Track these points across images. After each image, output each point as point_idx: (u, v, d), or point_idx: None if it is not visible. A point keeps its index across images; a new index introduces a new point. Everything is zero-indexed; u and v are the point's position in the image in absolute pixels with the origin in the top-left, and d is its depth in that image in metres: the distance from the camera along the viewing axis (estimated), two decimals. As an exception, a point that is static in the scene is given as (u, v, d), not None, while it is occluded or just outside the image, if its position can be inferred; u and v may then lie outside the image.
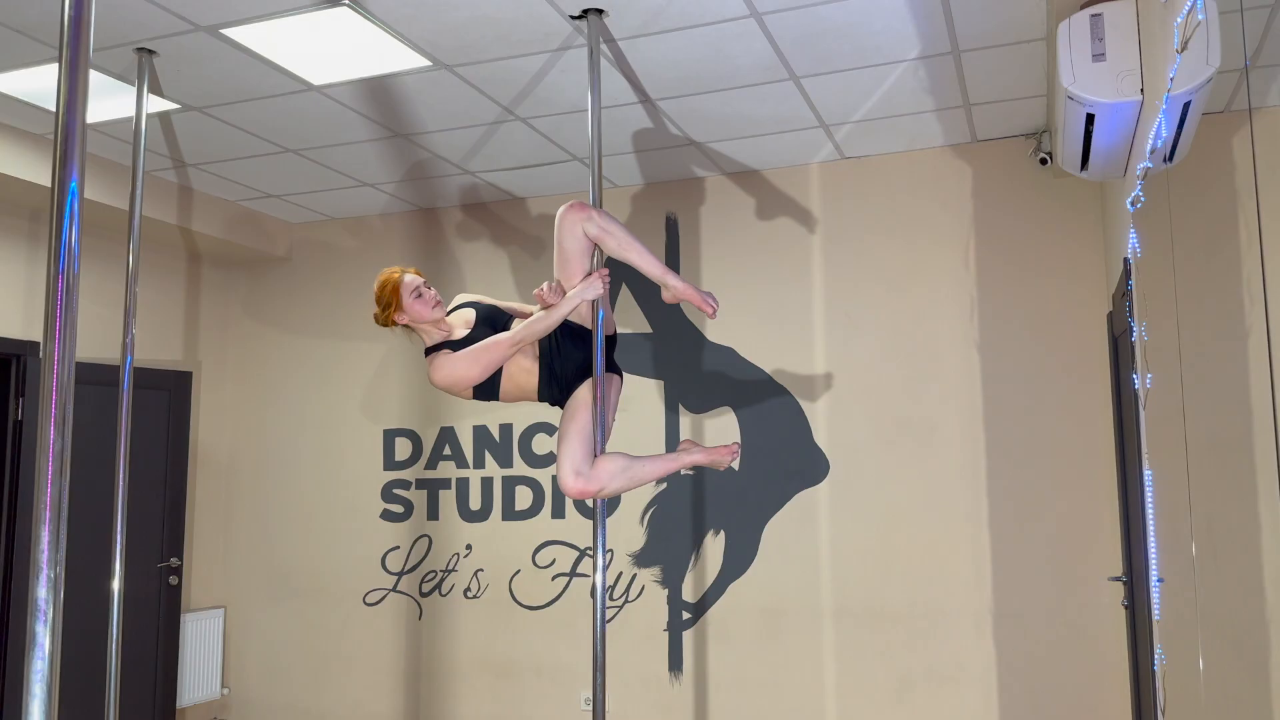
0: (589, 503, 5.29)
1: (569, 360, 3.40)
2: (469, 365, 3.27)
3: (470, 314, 3.44)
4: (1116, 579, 4.40)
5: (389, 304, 3.33)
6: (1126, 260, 3.62)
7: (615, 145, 5.03)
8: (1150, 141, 3.05)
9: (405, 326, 3.37)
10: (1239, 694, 3.91)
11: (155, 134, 4.81)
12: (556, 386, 3.41)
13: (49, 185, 1.51)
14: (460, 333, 3.38)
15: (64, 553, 1.41)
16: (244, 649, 6.37)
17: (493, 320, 3.42)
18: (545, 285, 3.43)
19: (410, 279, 3.34)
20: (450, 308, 3.52)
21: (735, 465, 3.48)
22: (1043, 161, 4.88)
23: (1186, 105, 2.91)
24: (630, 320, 5.67)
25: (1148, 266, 3.62)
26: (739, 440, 3.52)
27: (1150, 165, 3.13)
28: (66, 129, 1.53)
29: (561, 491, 3.48)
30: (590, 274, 3.35)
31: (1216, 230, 4.28)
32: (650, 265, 3.37)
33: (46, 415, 1.47)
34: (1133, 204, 3.43)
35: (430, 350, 3.37)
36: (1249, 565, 3.99)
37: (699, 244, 5.60)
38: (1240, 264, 4.22)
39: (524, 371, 3.39)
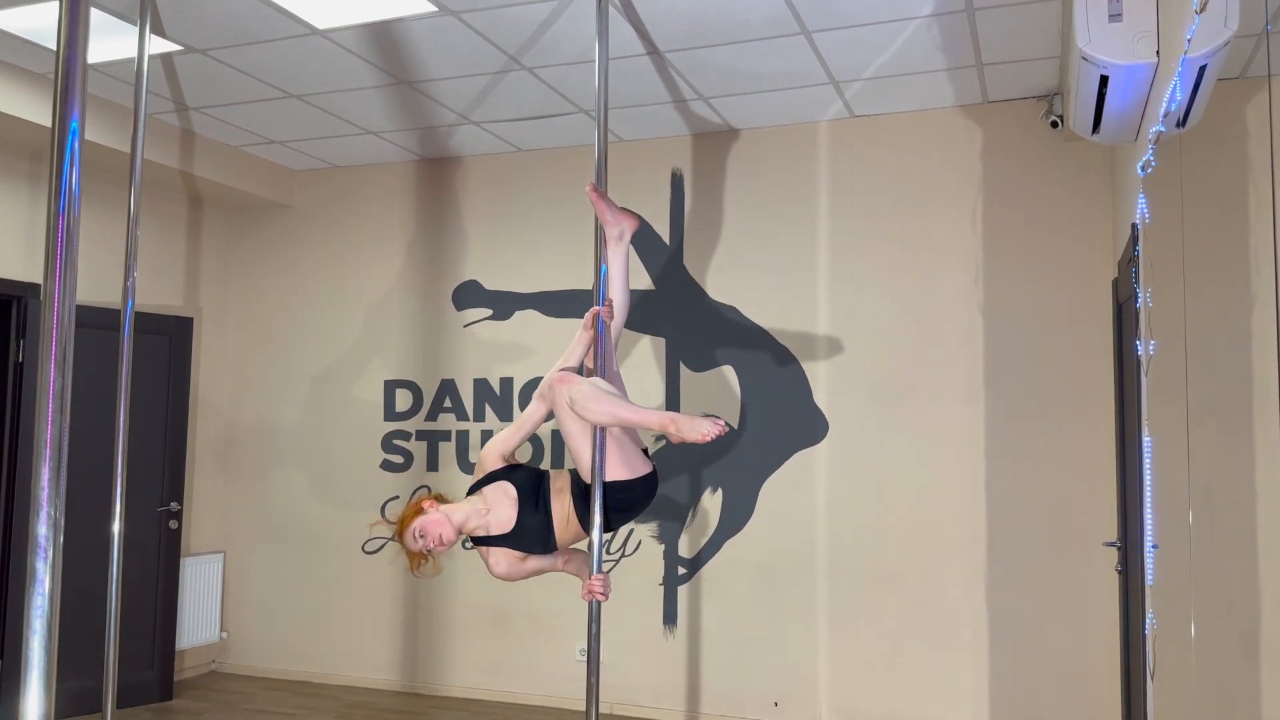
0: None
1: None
2: (535, 562, 3.25)
3: (510, 489, 3.22)
4: (1111, 544, 4.43)
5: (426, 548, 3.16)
6: (1134, 226, 3.59)
7: (621, 98, 4.98)
8: (1164, 105, 3.01)
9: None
10: (1229, 658, 3.95)
11: (157, 76, 4.76)
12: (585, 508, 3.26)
13: (49, 125, 1.49)
14: (507, 515, 3.18)
15: (64, 491, 1.41)
16: (243, 594, 6.43)
17: (535, 488, 3.22)
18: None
19: (420, 527, 3.15)
20: (479, 479, 3.30)
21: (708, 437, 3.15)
22: (1054, 124, 4.83)
23: (1202, 69, 2.87)
24: (633, 277, 5.64)
25: (1156, 232, 3.59)
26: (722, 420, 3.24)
27: (1163, 129, 3.09)
28: (67, 65, 1.51)
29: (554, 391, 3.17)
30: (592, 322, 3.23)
31: (1227, 198, 4.25)
32: (640, 419, 3.02)
33: (47, 354, 1.46)
34: (1143, 169, 3.40)
35: (484, 541, 3.20)
36: (1245, 532, 4.01)
37: (704, 201, 5.56)
38: (1249, 233, 4.19)
39: (568, 514, 3.23)
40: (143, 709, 5.52)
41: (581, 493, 3.20)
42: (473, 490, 3.29)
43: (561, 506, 3.21)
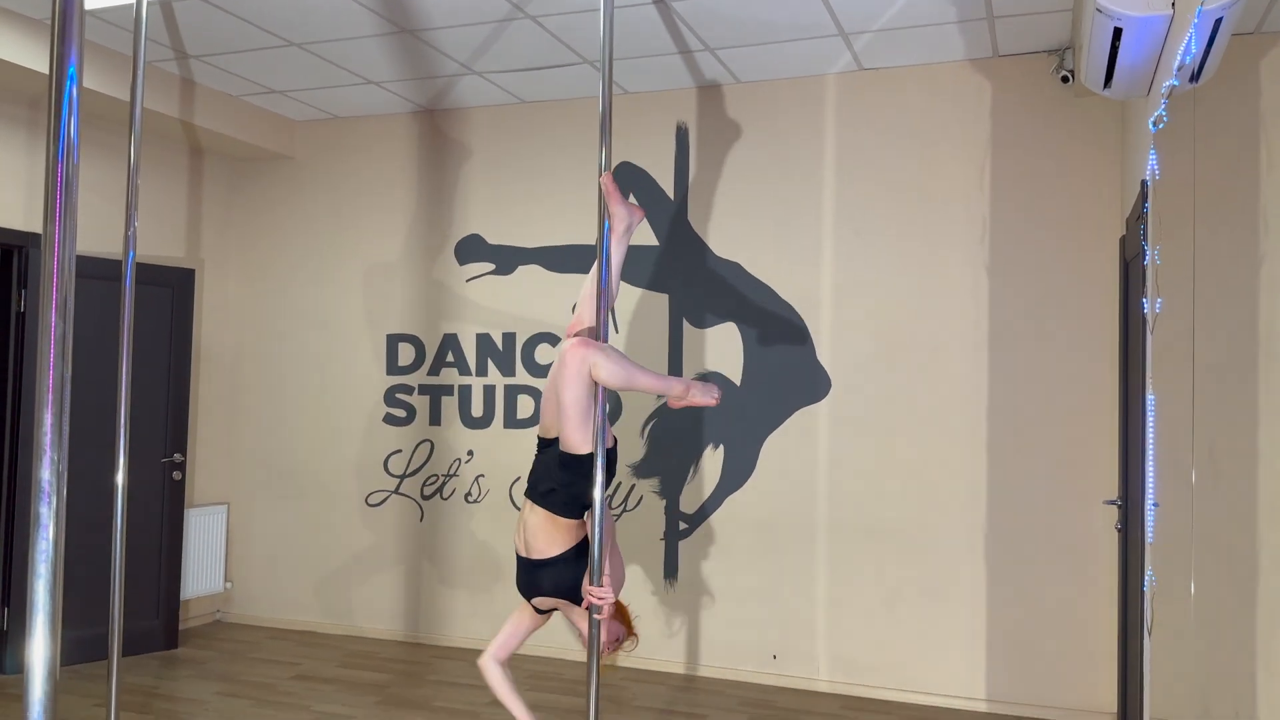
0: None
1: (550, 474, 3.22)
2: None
3: (539, 608, 3.39)
4: (1111, 502, 4.44)
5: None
6: (1144, 182, 3.56)
7: (627, 49, 4.91)
8: (1178, 58, 2.96)
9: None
10: (1228, 614, 3.98)
11: (156, 23, 4.70)
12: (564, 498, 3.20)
13: (47, 71, 1.46)
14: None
15: (67, 437, 1.41)
16: (247, 544, 6.48)
17: (527, 575, 3.31)
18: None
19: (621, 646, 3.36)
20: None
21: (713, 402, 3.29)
22: (1064, 79, 4.77)
23: (1218, 22, 2.82)
24: (636, 232, 5.60)
25: (1166, 189, 3.56)
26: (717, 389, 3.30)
27: (1176, 83, 3.05)
28: (64, 10, 1.48)
29: (569, 354, 3.07)
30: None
31: (1238, 154, 4.21)
32: (657, 384, 3.15)
33: (48, 300, 1.45)
34: (1155, 124, 3.35)
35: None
36: (1247, 490, 4.02)
37: (708, 155, 5.51)
38: (1259, 190, 4.15)
39: (541, 529, 3.22)
40: (149, 657, 5.59)
41: (562, 466, 3.13)
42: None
43: (533, 538, 3.22)
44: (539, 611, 3.41)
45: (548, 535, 3.20)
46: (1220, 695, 4.09)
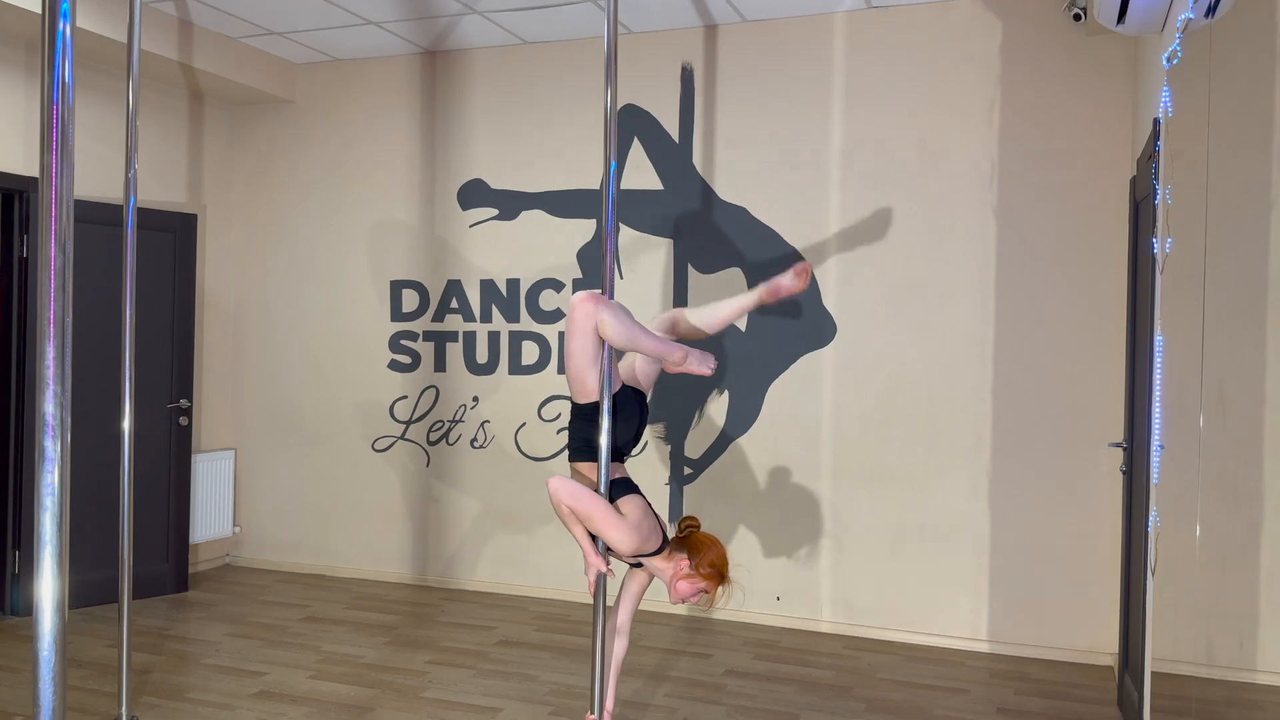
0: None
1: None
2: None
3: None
4: (1117, 445, 4.44)
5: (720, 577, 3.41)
6: (1156, 121, 3.50)
7: (631, -13, 4.82)
8: (1195, -10, 2.90)
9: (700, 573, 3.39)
10: (1232, 555, 3.99)
11: (151, -39, 4.61)
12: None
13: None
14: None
15: (70, 370, 1.40)
16: (254, 490, 6.52)
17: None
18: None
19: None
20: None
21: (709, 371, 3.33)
22: (1076, 17, 4.68)
23: (1237, -48, 2.75)
24: (641, 177, 5.55)
25: (1178, 127, 3.50)
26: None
27: (1192, 16, 2.98)
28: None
29: (577, 306, 3.06)
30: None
31: (1252, 93, 4.14)
32: (658, 348, 3.15)
33: (47, 233, 1.43)
34: (1169, 59, 3.29)
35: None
36: (1254, 431, 4.01)
37: (714, 97, 5.43)
38: (1272, 130, 4.10)
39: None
40: (159, 600, 5.65)
41: (573, 416, 3.21)
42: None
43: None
44: (631, 565, 3.48)
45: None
46: (1223, 636, 4.13)
